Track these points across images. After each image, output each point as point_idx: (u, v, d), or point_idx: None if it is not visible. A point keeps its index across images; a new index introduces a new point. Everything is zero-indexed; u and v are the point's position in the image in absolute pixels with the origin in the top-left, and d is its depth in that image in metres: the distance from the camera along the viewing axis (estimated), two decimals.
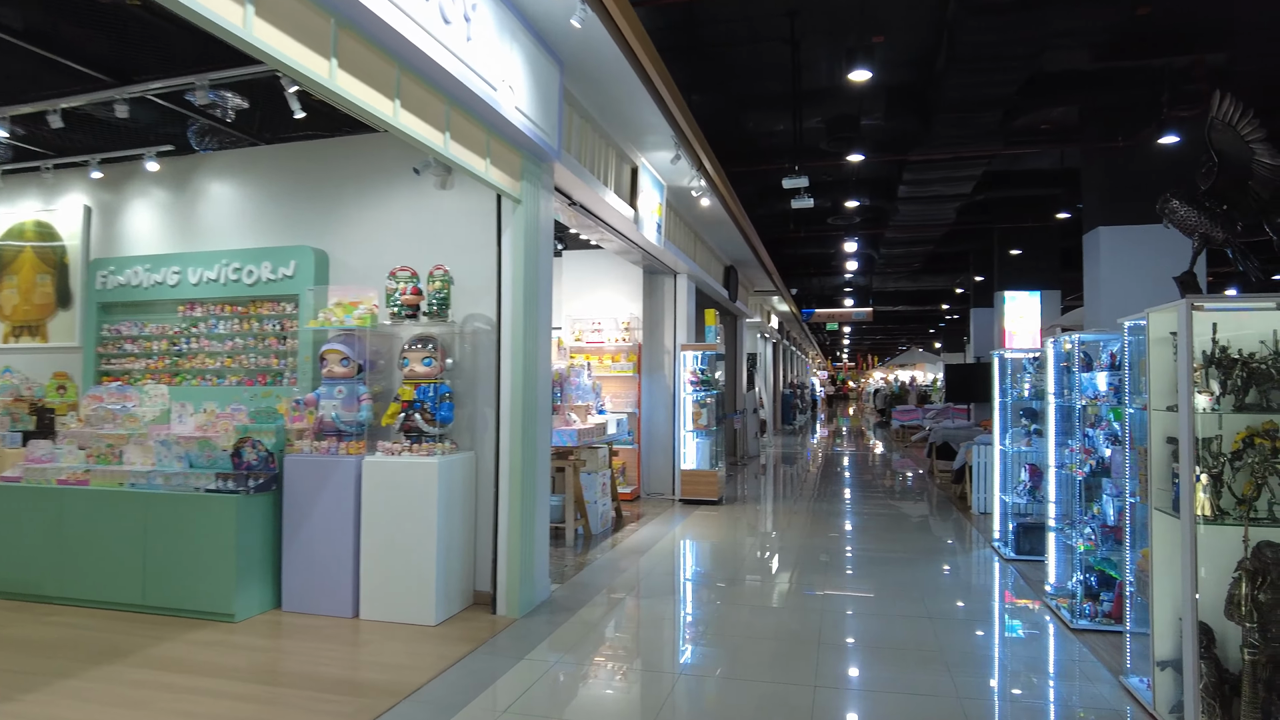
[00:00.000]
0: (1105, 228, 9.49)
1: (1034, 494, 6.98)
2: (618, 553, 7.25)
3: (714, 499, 9.83)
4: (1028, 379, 7.16)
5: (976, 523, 8.89)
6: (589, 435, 7.71)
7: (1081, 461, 5.03)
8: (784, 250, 17.77)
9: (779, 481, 13.02)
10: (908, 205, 12.61)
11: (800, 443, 21.00)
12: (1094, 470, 4.94)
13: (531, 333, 5.34)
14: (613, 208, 7.12)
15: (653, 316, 10.71)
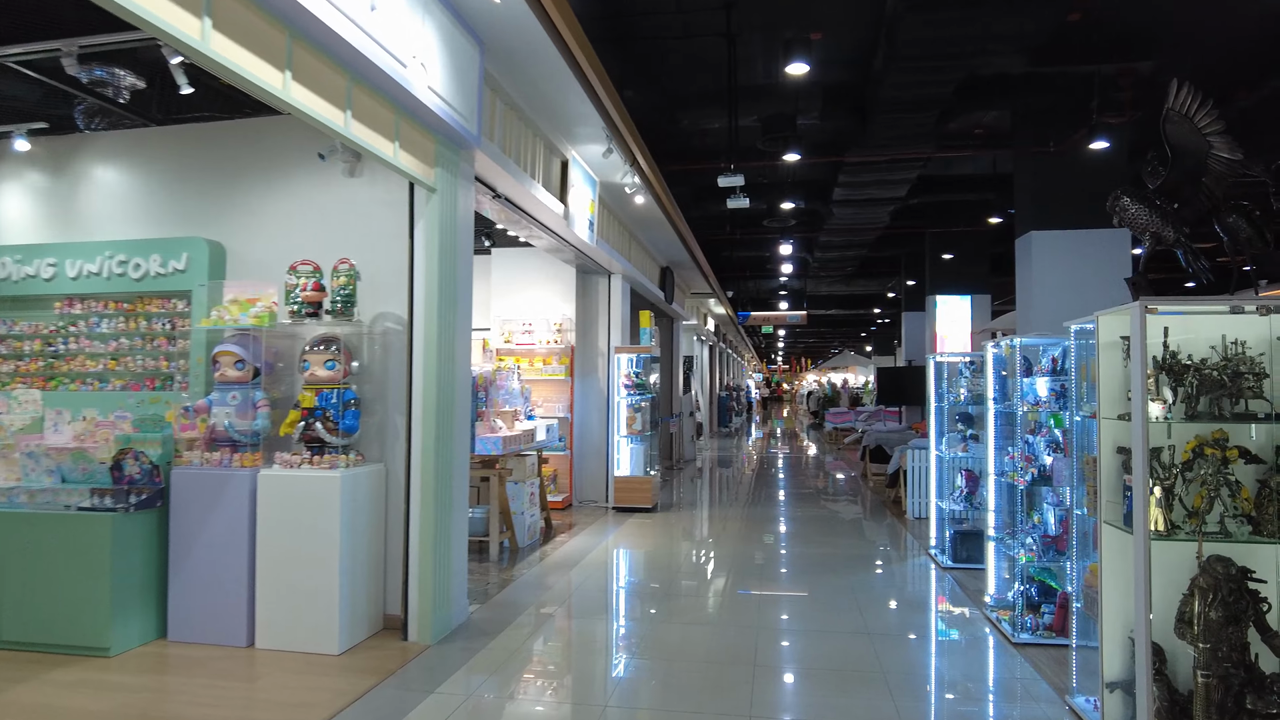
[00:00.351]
0: (1037, 232, 9.54)
1: (970, 500, 6.87)
2: (546, 567, 6.87)
3: (648, 506, 9.52)
4: (964, 383, 7.06)
5: (911, 528, 8.80)
6: (516, 442, 7.31)
7: (1023, 469, 4.88)
8: (720, 253, 17.63)
9: (715, 486, 12.81)
10: (843, 208, 12.55)
11: (736, 445, 20.91)
12: (1035, 478, 4.79)
13: (448, 333, 4.93)
14: (541, 203, 6.74)
15: (586, 318, 10.36)
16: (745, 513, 9.85)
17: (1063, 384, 4.75)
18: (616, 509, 9.62)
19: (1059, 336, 4.92)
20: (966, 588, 6.12)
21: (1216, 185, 3.11)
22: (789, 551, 7.68)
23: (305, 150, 5.36)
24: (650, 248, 12.07)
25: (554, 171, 7.18)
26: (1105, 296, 9.63)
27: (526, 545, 7.61)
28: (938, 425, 7.42)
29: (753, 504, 10.61)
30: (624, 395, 9.75)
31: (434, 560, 4.82)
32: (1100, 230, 9.42)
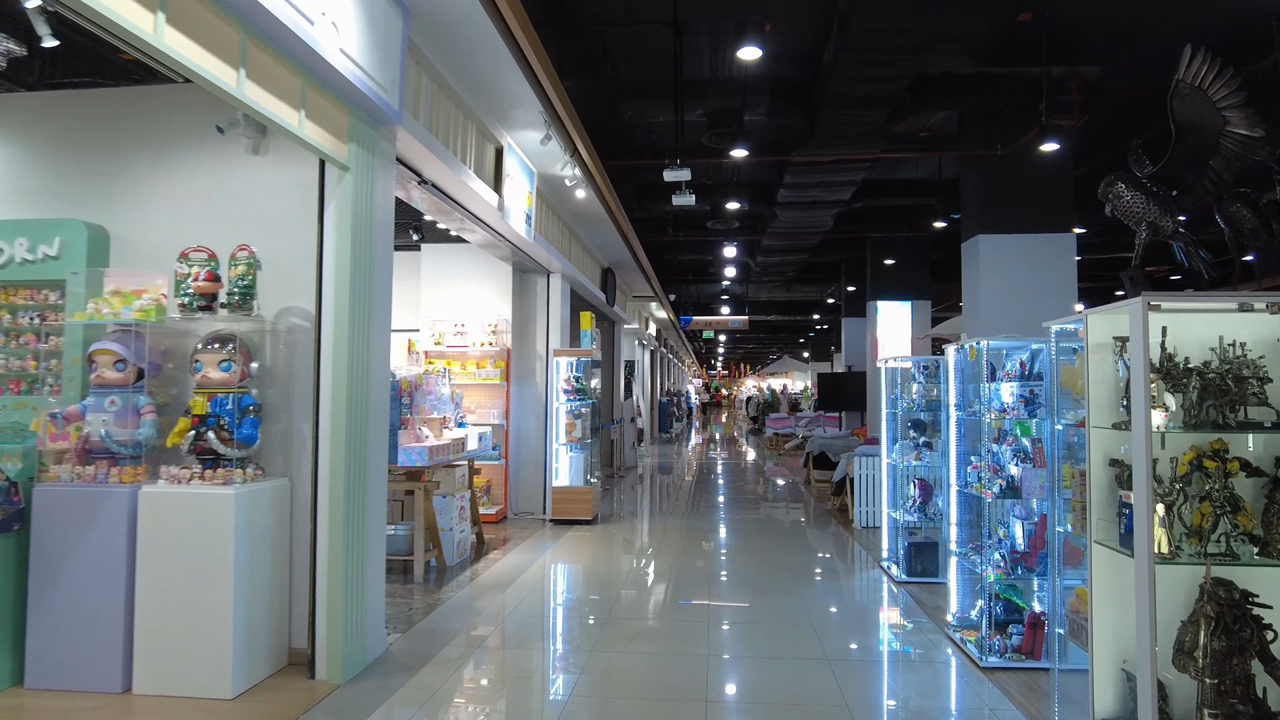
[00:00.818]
0: (985, 236, 9.42)
1: (924, 511, 6.60)
2: (477, 588, 6.32)
3: (588, 518, 9.03)
4: (917, 388, 6.78)
5: (860, 538, 8.52)
6: (444, 452, 6.75)
7: (989, 480, 4.57)
8: (663, 255, 17.27)
9: (657, 494, 12.39)
10: (787, 210, 12.30)
11: (677, 451, 20.56)
12: (1003, 490, 4.49)
13: (362, 330, 4.38)
14: (474, 192, 6.22)
15: (523, 319, 9.83)
16: (689, 524, 9.45)
17: (1031, 390, 4.47)
18: (554, 521, 9.10)
19: (1027, 339, 4.65)
20: (925, 604, 5.81)
21: (1227, 169, 2.81)
22: (736, 566, 7.29)
23: (204, 124, 4.73)
24: (591, 247, 11.60)
25: (488, 158, 6.66)
26: (1054, 301, 9.60)
27: (456, 564, 7.04)
28: (889, 432, 7.14)
29: (697, 513, 10.22)
30: (563, 401, 9.25)
31: (345, 586, 4.26)
32: (1049, 235, 9.35)
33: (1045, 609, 4.48)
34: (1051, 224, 9.34)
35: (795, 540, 8.56)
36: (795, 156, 9.60)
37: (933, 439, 6.71)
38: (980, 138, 9.38)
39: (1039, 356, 4.53)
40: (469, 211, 6.71)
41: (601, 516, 9.70)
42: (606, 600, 6.04)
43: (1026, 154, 9.22)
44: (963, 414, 5.10)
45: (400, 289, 10.96)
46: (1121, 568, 2.97)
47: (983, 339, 4.59)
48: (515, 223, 7.15)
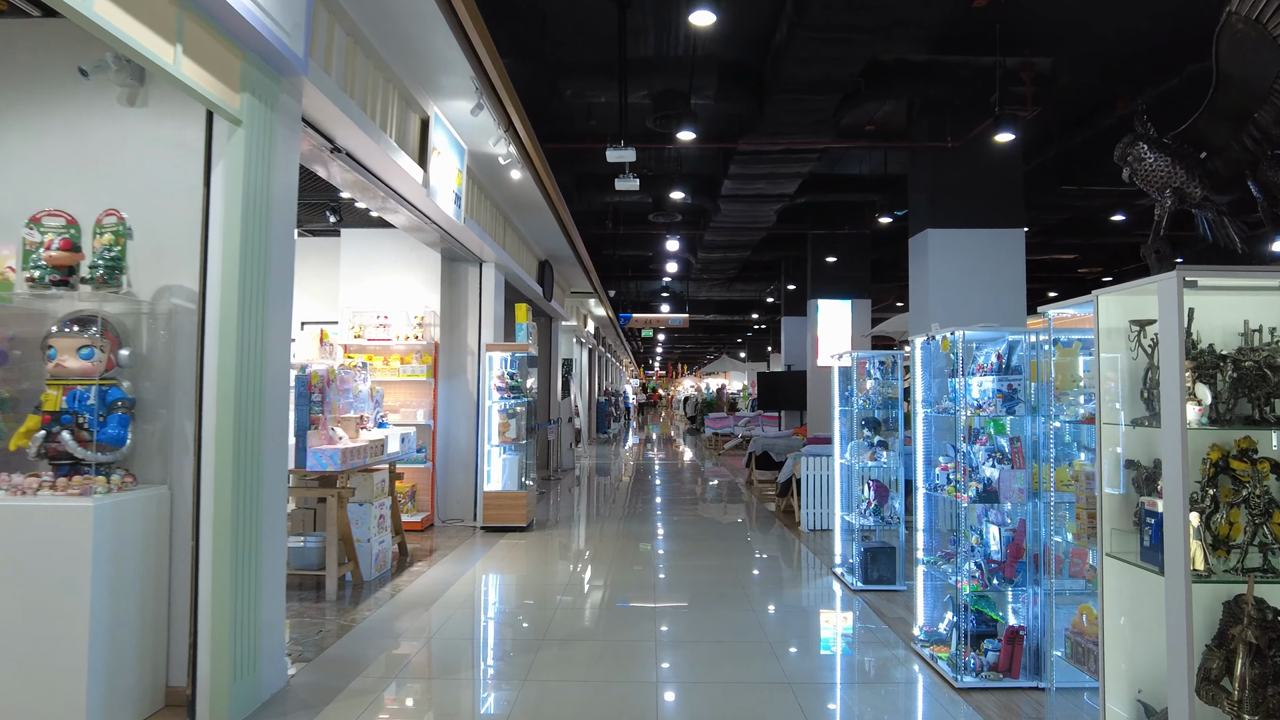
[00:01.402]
0: (934, 230, 9.19)
1: (879, 514, 6.24)
2: (398, 605, 5.69)
3: (522, 525, 8.43)
4: (871, 385, 6.43)
5: (808, 541, 8.15)
6: (360, 455, 6.08)
7: (962, 484, 4.19)
8: (602, 250, 16.75)
9: (594, 497, 11.85)
10: (731, 204, 11.92)
11: (615, 452, 20.06)
12: (979, 494, 4.11)
13: (256, 315, 3.74)
14: (396, 165, 5.59)
15: (453, 311, 9.17)
16: (629, 529, 8.94)
17: (1010, 384, 4.11)
18: (486, 529, 8.48)
19: (1003, 329, 4.29)
20: (885, 615, 5.43)
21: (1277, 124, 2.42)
22: (682, 575, 6.81)
23: (69, 67, 4.01)
24: (528, 237, 11.00)
25: (412, 129, 6.03)
26: (1003, 297, 9.45)
27: (375, 578, 6.38)
28: (843, 431, 6.77)
29: (637, 517, 9.72)
30: (496, 399, 8.64)
31: (234, 612, 3.61)
32: (998, 230, 9.17)
33: (1023, 622, 4.13)
34: (1001, 219, 9.17)
35: (742, 545, 8.14)
36: (742, 144, 9.20)
37: (888, 438, 6.36)
38: (930, 130, 9.15)
39: (1016, 349, 4.17)
40: (390, 188, 6.07)
41: (537, 522, 9.11)
42: (542, 618, 5.48)
43: (977, 147, 9.03)
44: (931, 411, 4.72)
45: (317, 277, 10.22)
46: (1140, 585, 2.58)
47: (957, 329, 4.20)
48: (443, 203, 6.53)
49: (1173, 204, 2.61)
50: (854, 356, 6.38)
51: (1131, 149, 2.67)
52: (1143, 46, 8.30)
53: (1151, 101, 8.98)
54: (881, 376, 6.27)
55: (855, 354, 6.35)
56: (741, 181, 10.71)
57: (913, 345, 4.83)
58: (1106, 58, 8.58)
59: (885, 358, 6.33)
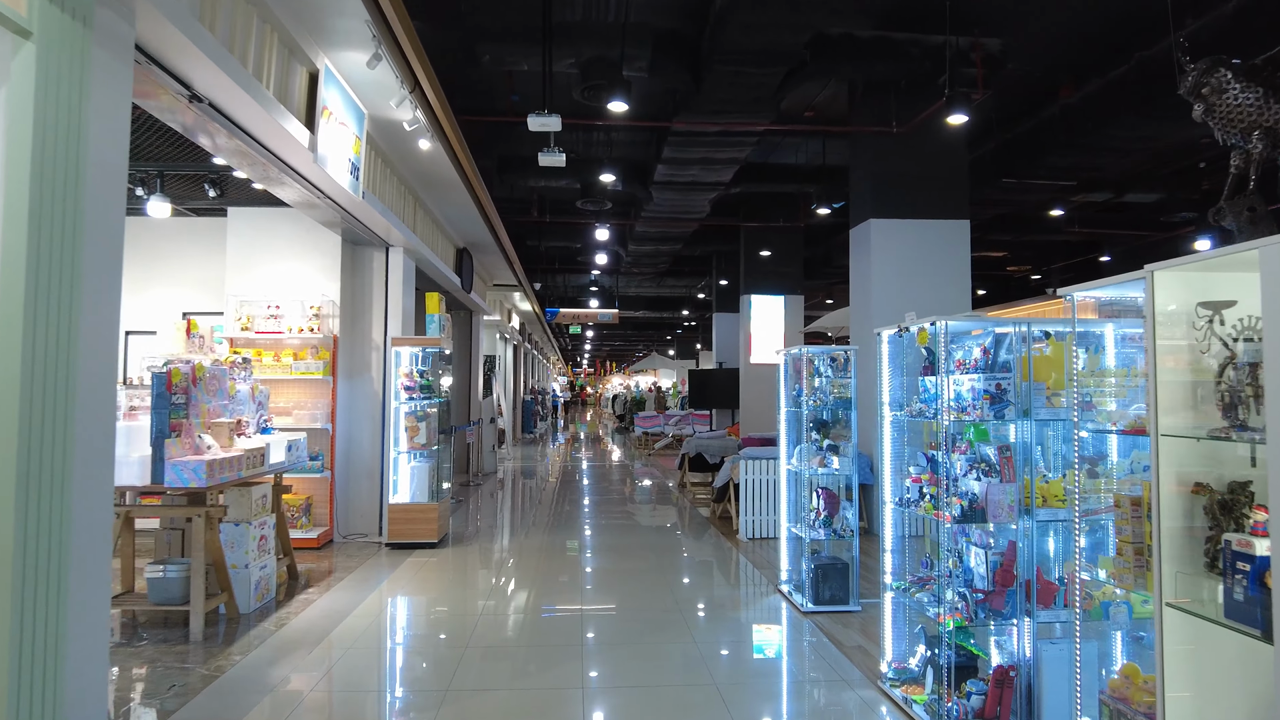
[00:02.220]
0: (877, 221, 8.70)
1: (830, 525, 5.65)
2: (280, 644, 4.79)
3: (432, 540, 7.56)
4: (820, 383, 5.83)
5: (747, 551, 7.54)
6: (233, 467, 5.14)
7: (946, 501, 3.59)
8: (527, 241, 15.87)
9: (517, 505, 11.01)
10: (664, 192, 11.26)
11: (541, 453, 19.19)
12: (965, 512, 3.51)
13: (58, 291, 2.83)
14: (275, 123, 4.69)
15: (356, 301, 8.22)
16: (554, 541, 8.17)
17: (998, 383, 3.52)
18: (392, 546, 7.57)
19: (986, 319, 3.70)
20: (843, 644, 4.83)
21: None
22: (614, 598, 6.08)
23: None
24: (444, 221, 10.08)
25: (297, 83, 5.12)
26: (948, 290, 9.04)
27: (255, 610, 5.45)
28: (789, 434, 6.16)
29: (563, 527, 8.95)
30: (404, 400, 7.74)
31: (16, 681, 2.70)
32: (943, 221, 8.75)
33: (1012, 660, 3.55)
34: (946, 210, 8.75)
35: (677, 559, 7.47)
36: (677, 123, 8.52)
37: (839, 442, 5.78)
38: (874, 114, 8.66)
39: (1004, 343, 3.59)
40: (270, 152, 5.15)
41: (452, 536, 8.25)
42: (451, 656, 4.68)
43: (922, 133, 8.58)
44: (901, 414, 4.11)
45: (199, 263, 9.08)
46: (1220, 648, 1.99)
47: (938, 318, 3.59)
48: (336, 172, 5.63)
49: (1262, 151, 2.02)
50: (803, 352, 5.77)
51: (1210, 77, 2.07)
52: (1094, 30, 7.98)
53: (1099, 90, 8.71)
54: (833, 374, 5.67)
55: (805, 349, 5.74)
56: (675, 167, 10.05)
57: (878, 339, 4.21)
58: (1056, 40, 8.24)
59: (837, 353, 5.74)
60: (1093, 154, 9.49)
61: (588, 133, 11.06)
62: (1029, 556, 3.48)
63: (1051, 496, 3.53)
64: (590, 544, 8.05)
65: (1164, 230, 13.35)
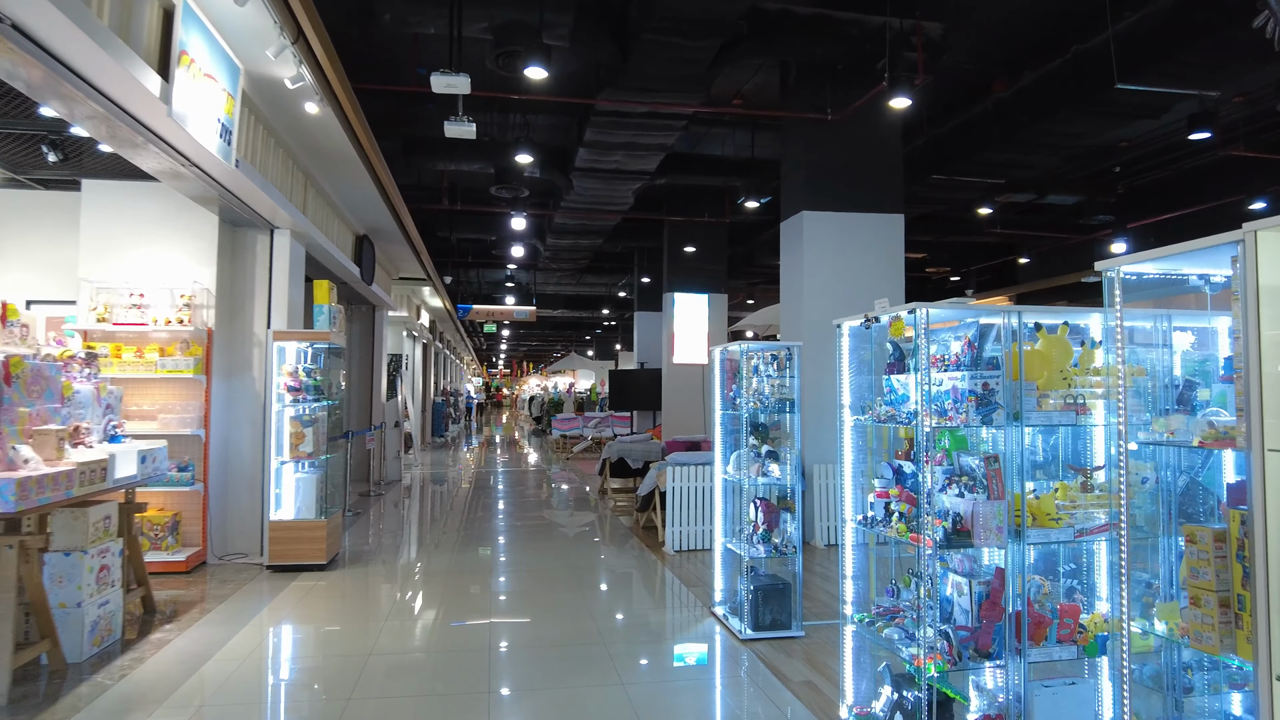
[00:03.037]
0: (810, 213, 8.25)
1: (769, 540, 5.10)
2: (114, 703, 3.90)
3: (320, 562, 6.67)
4: (757, 383, 5.28)
5: (675, 566, 6.94)
6: (58, 485, 4.19)
7: (922, 520, 3.04)
8: (436, 231, 14.92)
9: (422, 517, 10.13)
10: (586, 180, 10.58)
11: (453, 458, 18.18)
12: (949, 536, 2.97)
13: None
14: (112, 61, 3.80)
15: (236, 290, 7.24)
16: (462, 559, 7.38)
17: (985, 383, 3.00)
18: (275, 568, 6.64)
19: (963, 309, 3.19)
20: (789, 679, 4.26)
21: None
22: (529, 630, 5.37)
23: None
24: (340, 203, 9.13)
25: (144, 17, 4.23)
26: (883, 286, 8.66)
27: (91, 657, 4.50)
28: (725, 439, 5.59)
29: (472, 541, 8.16)
30: (289, 402, 6.82)
31: None
32: (879, 215, 8.39)
33: (998, 709, 3.03)
34: (882, 203, 8.38)
35: (599, 577, 6.80)
36: (602, 100, 7.86)
37: (780, 448, 5.24)
38: (809, 100, 8.21)
39: (989, 335, 3.07)
40: (107, 99, 4.24)
41: (348, 554, 7.36)
42: (328, 712, 3.88)
43: (859, 122, 8.18)
44: (863, 418, 3.56)
45: (49, 243, 7.85)
46: None
47: (918, 306, 3.04)
48: (201, 133, 4.74)
49: None
50: (742, 350, 5.19)
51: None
52: (1033, 20, 7.74)
53: (1034, 84, 8.50)
54: (776, 373, 5.12)
55: (744, 346, 5.16)
56: (598, 151, 9.39)
57: (838, 332, 3.65)
58: (995, 30, 7.97)
59: (779, 350, 5.19)
60: (1025, 150, 9.32)
61: (503, 113, 10.30)
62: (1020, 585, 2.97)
63: (1042, 515, 3.04)
64: (503, 563, 7.30)
65: (1082, 233, 13.49)
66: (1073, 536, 3.01)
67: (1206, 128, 7.89)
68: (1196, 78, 7.23)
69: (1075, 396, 3.09)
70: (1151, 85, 7.38)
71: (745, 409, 5.20)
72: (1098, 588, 3.21)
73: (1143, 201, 12.57)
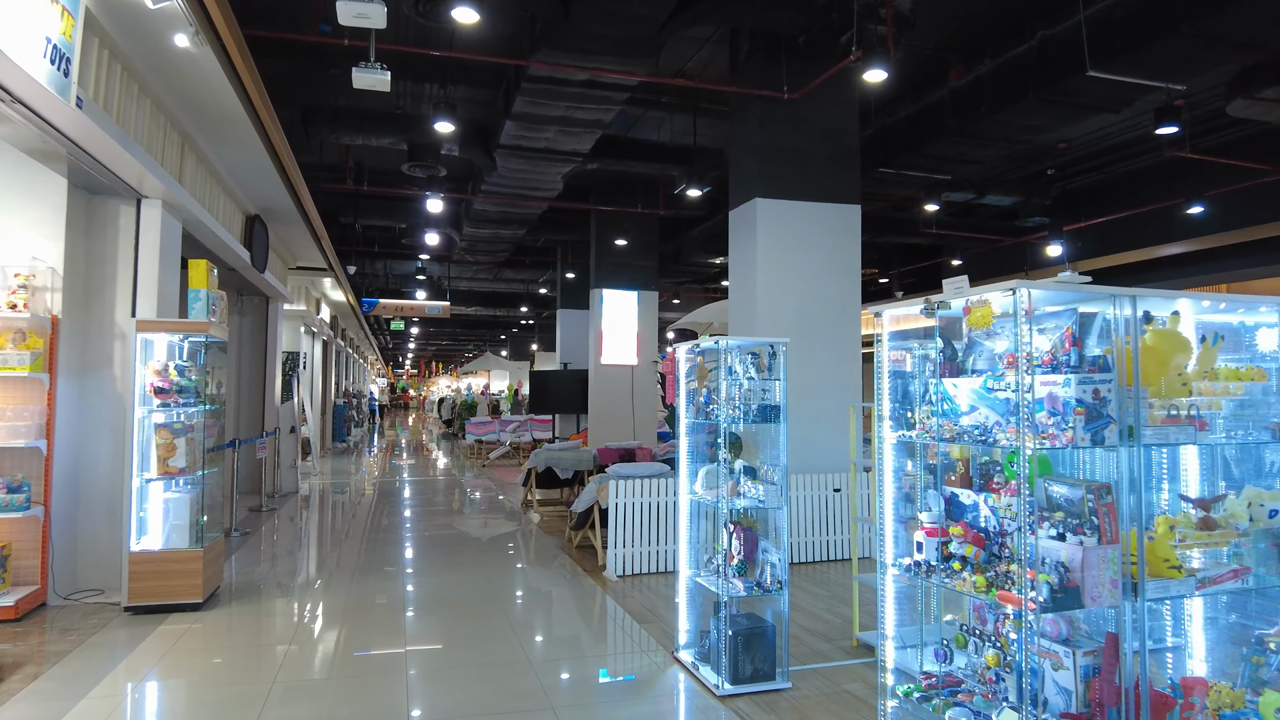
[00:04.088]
0: (764, 201, 7.55)
1: (744, 572, 4.32)
2: None
3: (195, 600, 5.50)
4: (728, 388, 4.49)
5: (620, 595, 6.09)
6: None
7: (1014, 574, 2.29)
8: (340, 218, 13.59)
9: (321, 536, 8.92)
10: (511, 159, 9.59)
11: (356, 465, 16.75)
12: (1056, 594, 2.23)
13: None
14: None
15: (92, 271, 5.98)
16: (366, 590, 6.31)
17: (1096, 389, 2.27)
18: (136, 610, 5.43)
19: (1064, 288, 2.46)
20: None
21: None
22: (451, 688, 4.40)
23: None
24: (228, 177, 7.87)
25: None
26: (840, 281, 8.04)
27: None
28: (692, 451, 4.77)
29: (375, 567, 7.08)
30: (158, 406, 5.61)
31: None
32: (835, 205, 7.77)
33: None
34: (838, 192, 7.77)
35: (534, 612, 5.88)
36: (536, 63, 6.92)
37: (758, 463, 4.48)
38: (762, 77, 7.51)
39: (1093, 325, 2.35)
40: None
41: (233, 587, 6.18)
42: None
43: (816, 102, 7.54)
44: (909, 435, 2.79)
45: None
46: None
47: (1019, 285, 2.29)
48: (19, 52, 3.59)
49: None
50: (722, 347, 4.38)
51: None
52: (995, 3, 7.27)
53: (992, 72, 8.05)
54: (757, 374, 4.34)
55: (725, 343, 4.35)
56: (528, 126, 8.44)
57: (879, 320, 2.88)
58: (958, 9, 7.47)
59: (759, 347, 4.41)
60: (977, 143, 8.90)
61: (420, 82, 9.23)
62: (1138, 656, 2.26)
63: (1158, 562, 2.34)
64: (415, 593, 6.28)
65: (1015, 235, 13.36)
66: (1194, 589, 2.33)
67: (1174, 121, 7.59)
68: (1171, 69, 6.89)
69: (1190, 407, 2.40)
70: (1123, 75, 7.00)
71: (721, 416, 4.39)
72: (1192, 645, 2.55)
73: (1077, 205, 12.50)
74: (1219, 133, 9.98)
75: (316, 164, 11.02)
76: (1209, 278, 11.85)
